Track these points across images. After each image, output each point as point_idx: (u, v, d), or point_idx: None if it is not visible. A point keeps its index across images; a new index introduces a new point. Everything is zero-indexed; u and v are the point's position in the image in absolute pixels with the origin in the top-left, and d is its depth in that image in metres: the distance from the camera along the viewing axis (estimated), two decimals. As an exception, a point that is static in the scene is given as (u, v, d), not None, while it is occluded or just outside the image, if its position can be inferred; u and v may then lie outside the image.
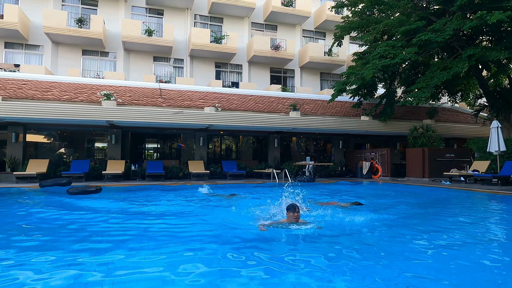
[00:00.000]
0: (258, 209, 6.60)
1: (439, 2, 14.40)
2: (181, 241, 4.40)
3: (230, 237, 4.64)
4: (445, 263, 3.48)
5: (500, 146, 12.37)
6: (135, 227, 5.30)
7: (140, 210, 7.26)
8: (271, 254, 3.75)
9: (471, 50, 12.68)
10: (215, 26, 22.84)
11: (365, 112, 17.74)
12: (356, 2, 16.76)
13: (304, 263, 3.40)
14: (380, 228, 5.24)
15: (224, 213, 6.83)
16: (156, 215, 6.65)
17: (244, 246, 4.14)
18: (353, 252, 3.84)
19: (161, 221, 5.95)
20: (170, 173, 15.87)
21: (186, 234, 4.89)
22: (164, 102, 15.42)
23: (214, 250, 3.86)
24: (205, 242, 4.27)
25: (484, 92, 16.00)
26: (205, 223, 5.77)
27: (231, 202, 8.39)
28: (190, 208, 7.70)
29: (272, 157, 18.51)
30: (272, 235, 4.65)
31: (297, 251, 4.02)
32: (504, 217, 6.64)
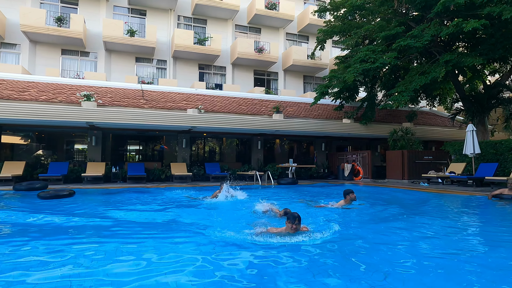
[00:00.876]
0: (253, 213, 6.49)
1: (418, 8, 14.81)
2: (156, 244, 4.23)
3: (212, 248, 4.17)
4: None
5: (475, 148, 12.80)
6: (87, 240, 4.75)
7: (108, 215, 6.82)
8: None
9: (448, 56, 13.10)
10: (198, 28, 22.76)
11: (346, 115, 18.04)
12: (338, 7, 17.04)
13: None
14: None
15: (209, 217, 6.71)
16: (124, 221, 6.30)
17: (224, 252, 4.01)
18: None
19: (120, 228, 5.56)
20: (152, 175, 15.66)
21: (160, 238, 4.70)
22: (146, 104, 15.23)
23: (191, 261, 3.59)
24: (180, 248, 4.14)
25: (460, 96, 16.53)
26: (183, 229, 5.52)
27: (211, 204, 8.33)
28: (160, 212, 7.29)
29: (256, 159, 18.55)
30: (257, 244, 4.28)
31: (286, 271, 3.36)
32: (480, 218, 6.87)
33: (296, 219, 4.53)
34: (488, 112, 16.15)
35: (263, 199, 7.43)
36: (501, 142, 13.36)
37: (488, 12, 11.82)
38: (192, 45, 20.78)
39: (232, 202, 8.86)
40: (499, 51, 13.71)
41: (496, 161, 13.05)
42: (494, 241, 4.75)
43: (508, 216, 7.02)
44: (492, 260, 3.77)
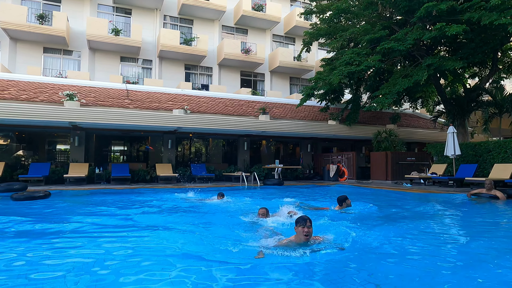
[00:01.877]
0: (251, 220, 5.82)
1: (401, 13, 15.12)
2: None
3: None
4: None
5: (456, 150, 13.14)
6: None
7: (76, 219, 6.31)
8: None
9: (430, 60, 13.42)
10: (185, 28, 22.62)
11: (332, 117, 18.25)
12: (324, 10, 17.23)
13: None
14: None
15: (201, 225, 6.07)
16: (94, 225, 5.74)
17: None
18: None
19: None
20: (136, 177, 15.46)
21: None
22: (131, 104, 15.04)
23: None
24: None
25: (442, 99, 16.95)
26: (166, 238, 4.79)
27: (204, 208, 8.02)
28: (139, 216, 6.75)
29: (242, 160, 18.55)
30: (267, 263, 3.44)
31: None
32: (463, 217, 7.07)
33: (307, 221, 3.71)
34: (468, 114, 16.61)
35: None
36: (480, 144, 13.76)
37: (468, 17, 12.18)
38: (178, 45, 20.64)
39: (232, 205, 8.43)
40: (478, 56, 14.14)
41: (476, 162, 13.43)
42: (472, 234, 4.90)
43: (485, 213, 7.25)
44: (471, 249, 4.07)
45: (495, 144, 13.17)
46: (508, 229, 5.75)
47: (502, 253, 3.99)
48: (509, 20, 11.22)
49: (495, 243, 4.53)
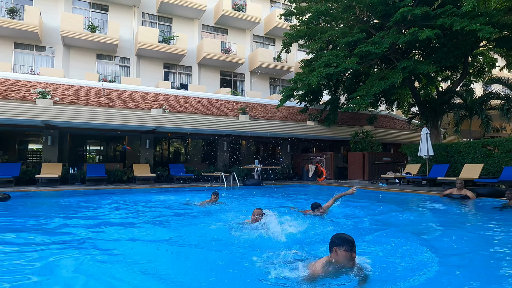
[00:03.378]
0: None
1: (378, 17, 15.51)
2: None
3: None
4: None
5: (429, 151, 13.59)
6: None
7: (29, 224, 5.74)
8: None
9: (405, 63, 13.83)
10: (164, 26, 22.29)
11: (311, 117, 18.48)
12: (304, 12, 17.41)
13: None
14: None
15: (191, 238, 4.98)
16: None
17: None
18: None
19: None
20: (113, 177, 15.10)
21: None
22: (107, 103, 14.68)
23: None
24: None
25: (416, 101, 17.50)
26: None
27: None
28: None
29: (221, 160, 18.47)
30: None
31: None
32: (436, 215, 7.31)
33: (353, 244, 2.93)
34: (440, 116, 17.23)
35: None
36: (452, 144, 14.30)
37: (441, 23, 12.64)
38: (157, 43, 20.32)
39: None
40: (450, 60, 14.71)
41: (447, 162, 13.94)
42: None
43: (457, 214, 7.55)
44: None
45: (465, 145, 13.73)
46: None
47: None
48: (479, 27, 11.73)
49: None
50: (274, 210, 5.38)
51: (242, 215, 6.10)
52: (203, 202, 8.32)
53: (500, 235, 5.27)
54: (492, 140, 13.05)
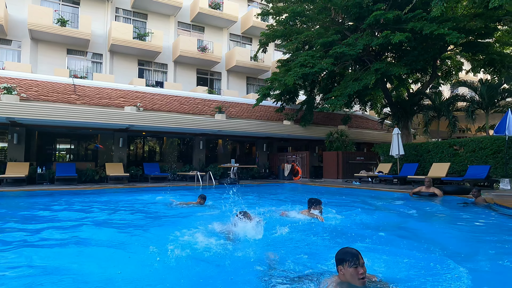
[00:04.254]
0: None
1: (352, 19, 15.87)
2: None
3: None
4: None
5: (400, 150, 14.06)
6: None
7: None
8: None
9: (377, 65, 14.23)
10: (138, 22, 21.79)
11: (287, 117, 18.65)
12: (280, 12, 17.55)
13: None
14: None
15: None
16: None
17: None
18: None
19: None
20: (84, 176, 14.62)
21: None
22: (78, 100, 14.18)
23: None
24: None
25: (388, 102, 18.05)
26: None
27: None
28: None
29: (197, 159, 18.30)
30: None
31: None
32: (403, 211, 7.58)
33: (359, 257, 2.52)
34: (411, 117, 17.85)
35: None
36: (421, 144, 14.87)
37: (412, 27, 13.09)
38: (131, 39, 19.84)
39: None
40: (420, 63, 15.26)
41: (417, 161, 14.49)
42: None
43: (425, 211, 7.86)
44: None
45: (433, 145, 14.31)
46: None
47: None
48: (447, 31, 12.26)
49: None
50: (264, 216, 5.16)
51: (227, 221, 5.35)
52: (188, 203, 7.93)
53: (466, 228, 5.55)
54: (458, 140, 13.67)
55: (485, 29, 14.57)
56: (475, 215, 6.74)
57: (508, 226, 5.73)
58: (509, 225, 5.78)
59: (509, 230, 5.42)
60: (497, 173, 11.70)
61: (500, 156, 11.71)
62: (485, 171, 11.08)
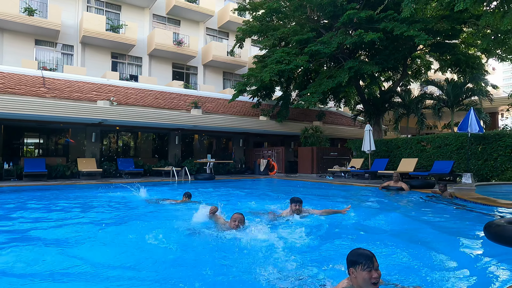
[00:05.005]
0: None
1: (327, 17, 16.18)
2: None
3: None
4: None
5: (371, 146, 14.57)
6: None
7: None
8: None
9: (351, 63, 14.62)
10: (112, 14, 21.19)
11: (263, 113, 18.82)
12: (257, 8, 17.61)
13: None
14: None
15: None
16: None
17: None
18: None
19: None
20: (54, 172, 14.20)
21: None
22: (48, 93, 13.71)
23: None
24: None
25: (361, 99, 18.58)
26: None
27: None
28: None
29: (173, 154, 18.16)
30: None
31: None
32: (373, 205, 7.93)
33: (374, 259, 2.32)
34: (382, 114, 18.48)
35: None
36: (391, 140, 15.46)
37: (384, 27, 13.54)
38: (104, 31, 19.28)
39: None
40: (391, 61, 15.81)
41: (387, 157, 15.06)
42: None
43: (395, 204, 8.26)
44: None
45: (403, 141, 14.93)
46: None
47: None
48: (416, 32, 12.77)
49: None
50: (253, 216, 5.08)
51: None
52: (171, 201, 7.65)
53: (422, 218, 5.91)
54: (426, 136, 14.33)
55: (452, 31, 15.26)
56: (432, 206, 7.23)
57: (458, 216, 6.17)
58: (459, 215, 6.20)
59: (455, 220, 5.90)
60: (460, 168, 12.40)
61: (463, 152, 12.40)
62: (449, 166, 11.72)
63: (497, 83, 36.26)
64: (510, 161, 11.23)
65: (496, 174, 11.60)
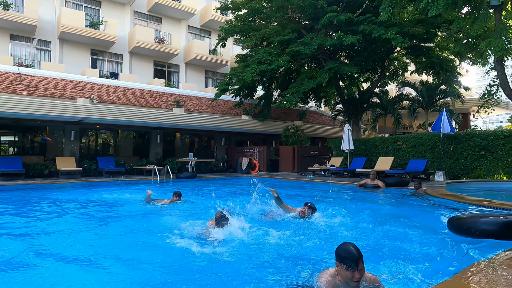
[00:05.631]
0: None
1: (308, 18, 16.50)
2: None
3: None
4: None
5: (350, 145, 15.00)
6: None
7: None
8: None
9: (331, 64, 14.99)
10: (91, 9, 20.80)
11: (245, 112, 19.00)
12: (239, 8, 17.74)
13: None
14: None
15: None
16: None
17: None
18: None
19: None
20: (32, 171, 13.90)
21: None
22: (24, 90, 13.40)
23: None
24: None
25: (341, 99, 19.03)
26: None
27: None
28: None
29: (154, 153, 18.08)
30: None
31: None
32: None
33: (359, 262, 2.36)
34: (361, 114, 18.99)
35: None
36: (369, 140, 15.96)
37: (362, 29, 13.97)
38: (84, 28, 18.93)
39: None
40: (370, 63, 16.31)
41: (365, 155, 15.54)
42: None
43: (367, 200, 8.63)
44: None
45: (380, 140, 15.44)
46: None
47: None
48: (393, 36, 13.25)
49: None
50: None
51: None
52: (160, 201, 7.47)
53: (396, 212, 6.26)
54: (401, 136, 14.88)
55: (427, 34, 15.90)
56: (405, 203, 7.63)
57: (427, 211, 6.57)
58: (429, 210, 6.60)
59: (424, 214, 6.32)
60: (433, 166, 12.97)
61: (436, 151, 12.98)
62: (423, 164, 12.26)
63: (470, 84, 37.84)
64: (479, 159, 11.87)
65: (466, 172, 12.23)
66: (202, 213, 6.09)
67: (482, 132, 12.32)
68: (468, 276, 2.45)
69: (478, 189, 10.19)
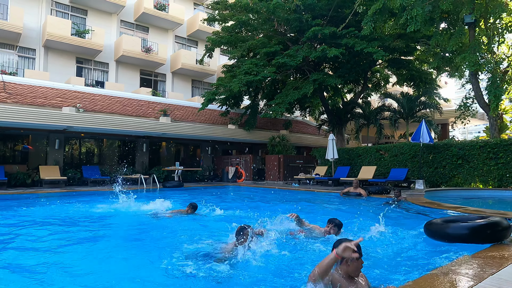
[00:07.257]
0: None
1: (294, 31, 16.98)
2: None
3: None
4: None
5: (334, 154, 15.37)
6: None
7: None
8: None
9: (315, 75, 15.44)
10: (77, 18, 20.76)
11: (232, 121, 19.22)
12: (226, 19, 18.08)
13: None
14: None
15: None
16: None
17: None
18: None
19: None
20: (14, 180, 13.65)
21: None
22: (9, 98, 13.25)
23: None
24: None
25: (325, 109, 19.51)
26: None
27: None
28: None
29: (140, 162, 18.01)
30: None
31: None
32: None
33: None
34: (345, 124, 19.50)
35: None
36: (353, 149, 16.39)
37: (346, 42, 14.48)
38: (69, 36, 18.87)
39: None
40: (353, 75, 16.84)
41: (349, 164, 15.94)
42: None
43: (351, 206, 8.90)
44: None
45: (363, 150, 15.88)
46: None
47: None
48: (375, 50, 13.79)
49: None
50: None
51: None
52: (173, 211, 7.02)
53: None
54: (383, 146, 15.36)
55: (407, 48, 16.59)
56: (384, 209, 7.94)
57: (406, 217, 6.88)
58: (406, 217, 6.92)
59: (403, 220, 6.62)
60: (414, 175, 13.44)
61: (416, 160, 13.47)
62: (404, 173, 12.71)
63: (449, 95, 39.20)
64: (457, 168, 12.39)
65: (445, 180, 12.73)
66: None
67: (459, 142, 12.88)
68: (435, 275, 2.70)
69: (456, 197, 10.64)
